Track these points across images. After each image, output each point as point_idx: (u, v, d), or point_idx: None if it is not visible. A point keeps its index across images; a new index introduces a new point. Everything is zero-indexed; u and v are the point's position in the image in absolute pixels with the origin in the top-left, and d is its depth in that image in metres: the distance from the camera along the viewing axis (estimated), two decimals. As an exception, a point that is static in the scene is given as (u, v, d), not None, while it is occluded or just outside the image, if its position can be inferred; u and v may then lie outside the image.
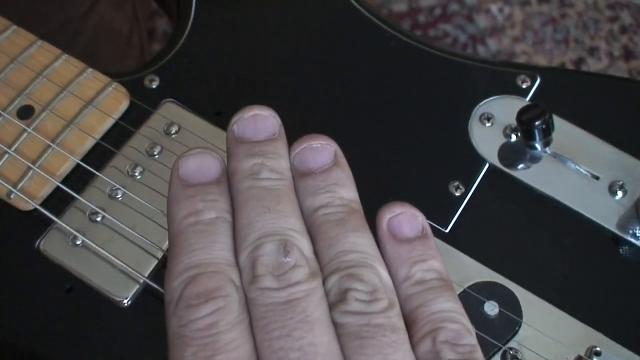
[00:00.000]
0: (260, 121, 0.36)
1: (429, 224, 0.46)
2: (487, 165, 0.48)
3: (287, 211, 0.33)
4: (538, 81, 0.51)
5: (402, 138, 0.49)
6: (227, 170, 0.35)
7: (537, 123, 0.46)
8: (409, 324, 0.33)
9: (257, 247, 0.32)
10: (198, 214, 0.33)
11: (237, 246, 0.33)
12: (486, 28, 1.42)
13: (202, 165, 0.35)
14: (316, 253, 0.33)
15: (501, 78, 0.51)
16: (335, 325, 0.31)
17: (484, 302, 0.43)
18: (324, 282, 0.32)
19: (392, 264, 0.34)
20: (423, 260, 0.34)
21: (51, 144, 0.48)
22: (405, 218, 0.36)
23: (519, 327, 0.43)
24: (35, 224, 0.46)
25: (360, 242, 0.33)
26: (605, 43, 1.41)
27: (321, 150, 0.35)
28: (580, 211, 0.47)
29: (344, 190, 0.35)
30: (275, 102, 0.50)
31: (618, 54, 1.40)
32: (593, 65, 1.39)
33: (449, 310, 0.33)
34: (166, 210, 0.35)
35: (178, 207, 0.34)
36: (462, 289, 0.44)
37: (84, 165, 0.48)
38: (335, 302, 0.31)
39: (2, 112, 0.49)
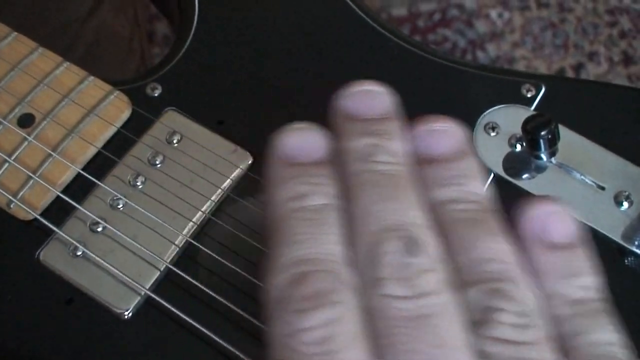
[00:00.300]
0: (371, 97, 0.31)
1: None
2: (491, 175, 0.48)
3: (411, 202, 0.27)
4: (543, 90, 0.51)
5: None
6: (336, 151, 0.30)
7: (542, 133, 0.45)
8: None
9: (376, 243, 0.26)
10: (303, 199, 0.28)
11: (351, 240, 0.27)
12: (486, 33, 1.42)
13: (307, 142, 0.29)
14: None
15: (506, 87, 0.51)
16: (474, 351, 0.25)
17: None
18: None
19: (538, 277, 0.28)
20: (578, 274, 0.28)
21: (52, 153, 0.47)
22: (556, 219, 0.28)
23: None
24: (36, 234, 0.46)
25: (500, 248, 0.27)
26: (604, 48, 1.41)
27: (447, 133, 0.30)
28: (586, 222, 0.46)
29: (476, 184, 0.29)
30: (279, 111, 0.51)
31: (617, 59, 1.40)
32: (592, 70, 1.39)
33: (612, 343, 0.27)
34: (266, 193, 0.29)
35: (279, 189, 0.28)
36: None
37: (85, 174, 0.47)
38: (475, 322, 0.25)
39: (3, 120, 0.48)
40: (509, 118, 0.49)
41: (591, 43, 1.41)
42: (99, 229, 0.45)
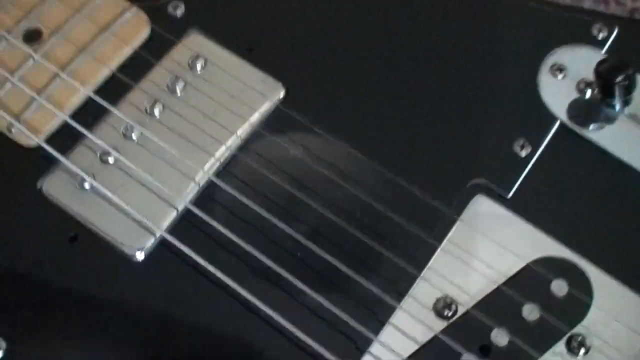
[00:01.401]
0: None
1: (490, 186, 0.41)
2: (557, 123, 0.44)
3: None
4: (616, 32, 0.46)
5: (464, 89, 0.45)
6: None
7: (618, 79, 0.42)
8: None
9: None
10: None
11: None
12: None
13: None
14: None
15: (575, 26, 0.47)
16: None
17: (552, 281, 0.38)
18: None
19: None
20: None
21: (60, 73, 0.44)
22: None
23: (588, 310, 0.38)
24: (39, 162, 0.42)
25: None
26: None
27: None
28: (658, 183, 0.42)
29: None
30: (315, 41, 0.47)
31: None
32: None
33: None
34: None
35: None
36: (524, 264, 0.39)
37: (96, 98, 0.44)
38: None
39: (6, 35, 0.45)
40: (578, 60, 0.45)
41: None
42: (110, 160, 0.42)
